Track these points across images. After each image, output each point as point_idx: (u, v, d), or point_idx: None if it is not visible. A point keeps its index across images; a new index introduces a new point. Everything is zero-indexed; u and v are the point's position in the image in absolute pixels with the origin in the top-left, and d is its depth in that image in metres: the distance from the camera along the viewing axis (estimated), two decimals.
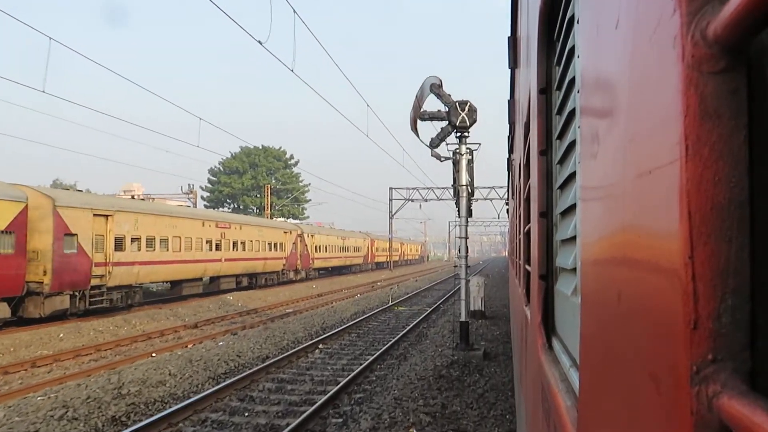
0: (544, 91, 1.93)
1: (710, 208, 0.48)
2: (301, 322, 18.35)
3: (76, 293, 19.26)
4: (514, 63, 4.93)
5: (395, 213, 60.26)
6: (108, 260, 20.82)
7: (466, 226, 13.62)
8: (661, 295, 0.55)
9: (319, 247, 46.76)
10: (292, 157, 72.36)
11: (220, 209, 60.65)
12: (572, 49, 1.34)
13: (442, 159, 14.28)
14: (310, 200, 72.70)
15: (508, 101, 7.73)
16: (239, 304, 24.46)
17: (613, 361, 0.76)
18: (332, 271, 53.38)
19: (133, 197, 30.49)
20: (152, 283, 26.55)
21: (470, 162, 13.53)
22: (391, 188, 61.08)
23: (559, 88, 1.70)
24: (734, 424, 0.43)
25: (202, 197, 56.71)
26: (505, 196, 46.26)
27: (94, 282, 20.15)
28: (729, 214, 0.48)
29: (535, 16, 1.98)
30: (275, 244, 36.80)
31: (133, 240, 22.54)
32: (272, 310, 23.62)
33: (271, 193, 61.93)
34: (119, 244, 21.63)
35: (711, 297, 0.47)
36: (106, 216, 21.06)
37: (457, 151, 13.52)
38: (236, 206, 65.89)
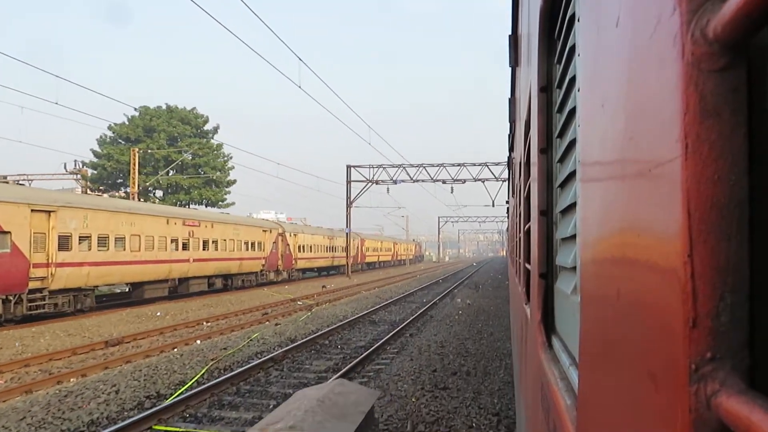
0: (545, 89, 1.93)
1: (710, 206, 0.48)
2: None
3: (11, 297, 17.52)
4: (514, 61, 4.92)
5: (355, 199, 45.45)
6: (50, 261, 19.02)
7: None
8: (660, 294, 0.55)
9: (303, 246, 44.32)
10: (207, 120, 51.29)
11: (113, 193, 44.28)
12: (573, 48, 1.34)
13: None
14: (234, 181, 53.05)
15: (509, 99, 7.73)
16: None
17: (612, 359, 0.76)
18: (319, 272, 50.72)
19: None
20: (107, 285, 24.46)
21: None
22: (348, 166, 45.19)
23: (559, 86, 1.70)
24: (733, 422, 0.43)
25: (83, 177, 44.18)
26: (502, 176, 38.67)
27: (33, 285, 18.35)
28: (728, 212, 0.48)
29: (535, 14, 1.98)
30: (253, 244, 34.57)
31: (81, 239, 20.55)
32: None
33: (176, 170, 47.76)
34: (64, 243, 19.68)
35: (710, 295, 0.48)
36: (48, 212, 19.15)
37: None
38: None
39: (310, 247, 46.55)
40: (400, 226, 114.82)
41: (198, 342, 15.40)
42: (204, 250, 29.35)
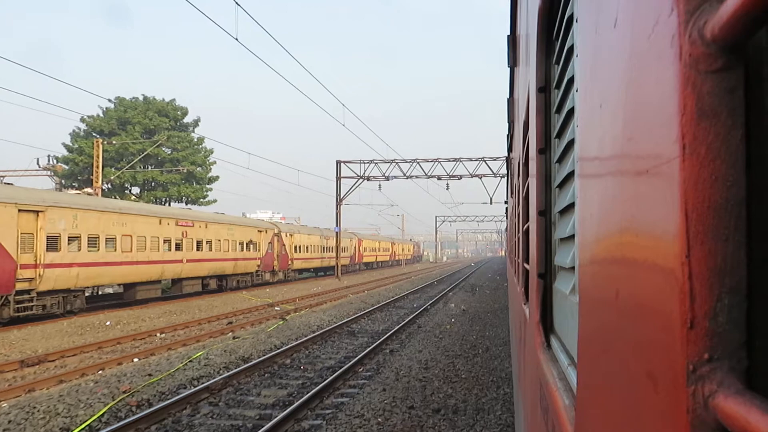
0: (543, 89, 1.93)
1: (707, 207, 0.48)
2: None
3: None
4: (513, 61, 4.92)
5: (345, 196, 43.27)
6: (38, 261, 18.58)
7: None
8: (658, 294, 0.55)
9: (299, 247, 43.74)
10: (186, 113, 47.14)
11: (86, 190, 37.53)
12: (571, 48, 1.34)
13: None
14: (217, 177, 48.85)
15: (508, 100, 7.74)
16: None
17: (610, 359, 0.76)
18: (316, 272, 50.12)
19: None
20: (97, 286, 24.10)
21: None
22: (338, 162, 42.84)
23: (558, 86, 1.70)
24: (730, 423, 0.43)
25: (55, 174, 41.31)
26: (501, 171, 37.44)
27: (20, 286, 17.87)
28: (726, 213, 0.48)
29: (534, 14, 1.98)
30: (248, 244, 34.29)
31: (71, 239, 20.14)
32: None
33: (153, 165, 45.02)
34: (53, 244, 19.24)
35: (707, 296, 0.48)
36: (36, 212, 18.71)
37: None
38: (109, 186, 41.05)
39: (306, 247, 46.06)
40: (396, 226, 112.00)
41: (135, 360, 12.55)
42: (198, 250, 28.93)
